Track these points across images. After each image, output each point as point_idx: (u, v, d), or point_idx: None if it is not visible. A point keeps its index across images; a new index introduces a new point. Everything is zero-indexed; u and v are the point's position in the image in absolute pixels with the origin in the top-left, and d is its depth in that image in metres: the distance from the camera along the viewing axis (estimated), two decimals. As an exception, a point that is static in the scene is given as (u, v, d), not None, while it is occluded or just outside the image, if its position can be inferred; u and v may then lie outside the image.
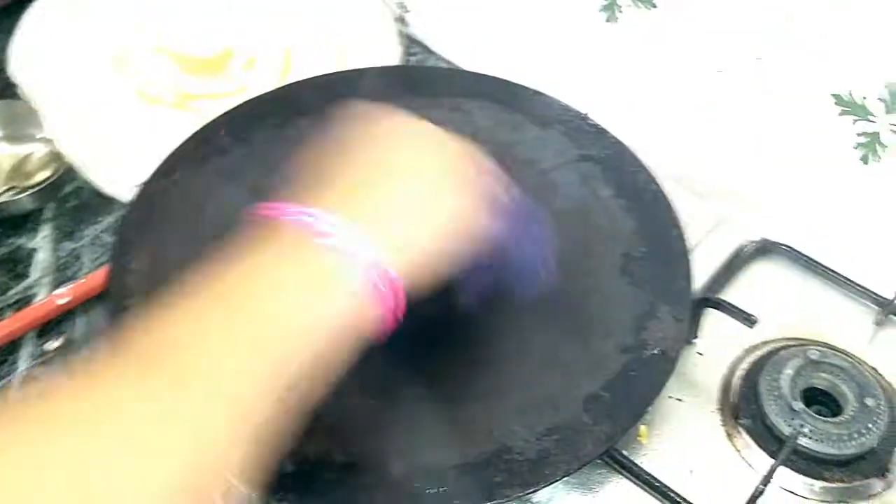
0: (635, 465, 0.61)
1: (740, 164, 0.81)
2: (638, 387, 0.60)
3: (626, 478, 0.62)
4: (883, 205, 0.74)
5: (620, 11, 0.82)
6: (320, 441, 0.56)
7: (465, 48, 1.00)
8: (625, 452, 0.61)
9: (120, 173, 0.84)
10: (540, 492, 0.60)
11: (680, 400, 0.66)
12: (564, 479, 0.56)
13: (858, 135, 0.73)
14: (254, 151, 0.74)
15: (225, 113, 0.77)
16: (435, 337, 0.62)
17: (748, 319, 0.63)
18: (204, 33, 0.95)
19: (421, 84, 0.81)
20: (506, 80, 0.81)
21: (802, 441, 0.62)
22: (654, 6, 0.79)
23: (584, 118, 0.78)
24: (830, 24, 0.70)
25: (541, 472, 0.55)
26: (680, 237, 0.68)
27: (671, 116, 0.84)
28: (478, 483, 0.55)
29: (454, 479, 0.55)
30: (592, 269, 0.67)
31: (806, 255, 0.76)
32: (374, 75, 0.82)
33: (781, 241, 0.77)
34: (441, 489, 0.55)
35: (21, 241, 0.84)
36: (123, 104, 0.89)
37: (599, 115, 0.79)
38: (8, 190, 0.85)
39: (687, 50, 0.80)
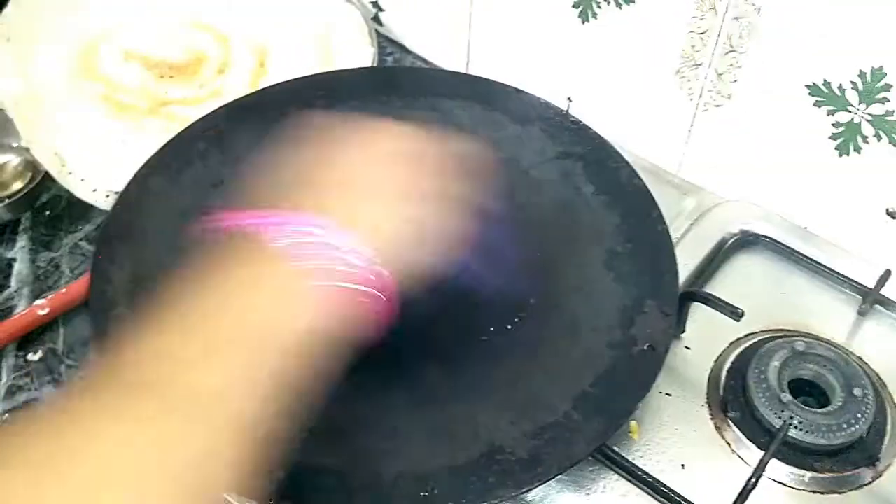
0: (627, 461, 0.61)
1: (719, 157, 0.82)
2: (628, 383, 0.60)
3: (618, 474, 0.61)
4: (862, 194, 0.75)
5: (598, 7, 0.82)
6: (310, 447, 0.56)
7: (440, 47, 1.00)
8: (616, 449, 0.61)
9: (96, 181, 0.83)
10: (532, 491, 0.60)
11: (669, 395, 0.67)
12: (556, 476, 0.56)
13: (834, 125, 0.73)
14: (233, 158, 0.74)
15: (202, 118, 0.76)
16: (422, 339, 0.62)
17: (735, 313, 0.63)
18: (175, 37, 0.94)
19: (399, 84, 0.81)
20: (484, 79, 0.81)
21: (792, 432, 0.62)
22: (634, 2, 0.79)
23: (565, 115, 0.78)
24: (802, 14, 0.71)
25: (533, 472, 0.55)
26: (664, 232, 0.68)
27: (650, 112, 0.84)
28: (470, 484, 0.55)
29: (446, 481, 0.55)
30: (577, 266, 0.67)
31: (787, 246, 0.76)
32: (352, 77, 0.82)
33: (762, 233, 0.78)
34: (434, 491, 0.54)
35: (-2, 251, 0.83)
36: (96, 111, 0.88)
37: (579, 112, 0.79)
38: (-17, 201, 0.84)
39: (664, 45, 0.80)
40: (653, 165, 0.84)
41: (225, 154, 0.74)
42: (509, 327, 0.63)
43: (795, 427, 0.62)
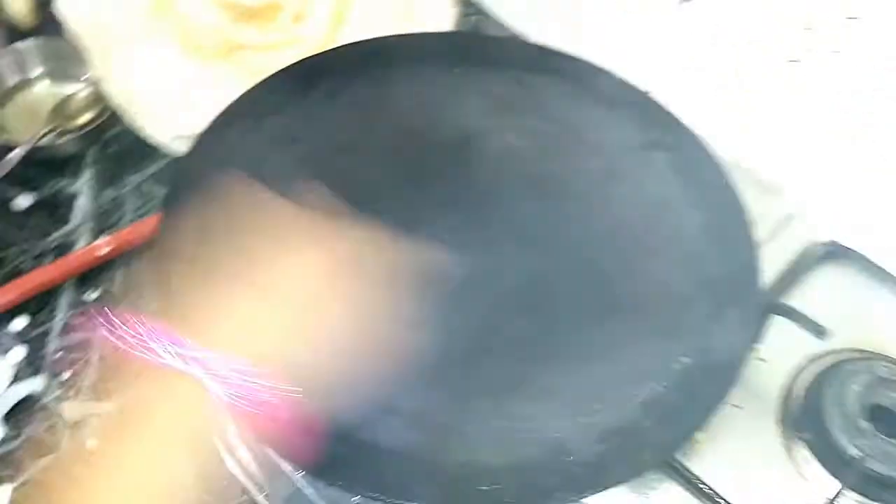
0: (690, 472, 0.59)
1: (814, 158, 0.78)
2: (701, 394, 0.57)
3: (680, 485, 0.60)
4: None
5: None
6: (373, 427, 0.55)
7: (523, 13, 0.96)
8: (680, 459, 0.59)
9: (164, 121, 0.81)
10: (591, 494, 0.58)
11: (739, 407, 0.64)
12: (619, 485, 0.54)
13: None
14: (307, 116, 0.72)
15: (280, 71, 0.74)
16: (496, 333, 0.60)
17: (819, 332, 0.60)
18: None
19: (484, 53, 0.78)
20: (572, 56, 0.77)
21: (867, 462, 0.60)
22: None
23: (653, 101, 0.75)
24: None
25: (596, 478, 0.54)
26: (750, 237, 0.65)
27: (742, 103, 0.81)
28: (531, 483, 0.53)
29: (507, 478, 0.54)
30: (657, 267, 0.65)
31: (876, 264, 0.73)
32: (435, 41, 0.79)
33: (851, 246, 0.74)
34: (493, 487, 0.53)
35: (62, 184, 0.82)
36: (170, 50, 0.86)
37: (668, 98, 0.76)
38: (50, 131, 0.83)
39: (761, 36, 0.77)
40: (740, 161, 0.81)
41: (301, 111, 0.72)
42: (584, 326, 0.61)
43: (871, 457, 0.59)
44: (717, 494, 0.58)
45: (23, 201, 0.80)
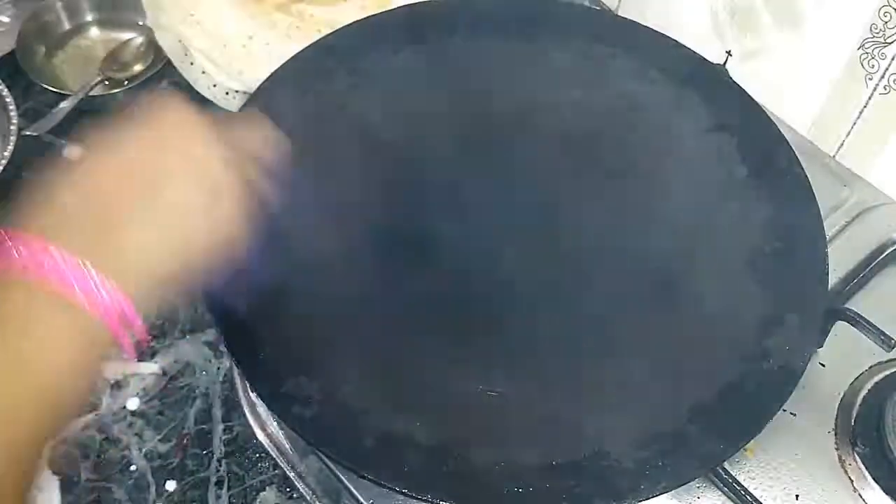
0: (738, 483, 0.56)
1: (890, 148, 0.73)
2: (753, 402, 0.54)
3: (725, 494, 0.57)
4: None
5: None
6: (407, 419, 0.53)
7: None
8: (727, 467, 0.56)
9: (218, 76, 0.79)
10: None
11: (794, 415, 0.61)
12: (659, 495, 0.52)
13: None
14: (361, 82, 0.69)
15: (334, 33, 0.71)
16: (539, 326, 0.57)
17: (886, 342, 0.56)
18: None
19: (550, 21, 0.74)
20: (644, 27, 0.73)
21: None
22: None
23: (724, 78, 0.71)
24: None
25: (635, 485, 0.51)
26: (819, 235, 0.61)
27: (818, 83, 0.76)
28: (566, 487, 0.51)
29: (540, 480, 0.51)
30: (716, 261, 0.61)
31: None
32: (497, 5, 0.75)
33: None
34: (527, 489, 0.51)
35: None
36: (226, 1, 0.83)
37: (736, 69, 0.72)
38: (103, 80, 0.81)
39: (850, 13, 0.71)
40: (810, 144, 0.76)
41: (355, 78, 0.69)
42: (633, 322, 0.58)
43: (933, 478, 0.56)
44: (764, 507, 0.56)
45: (71, 153, 0.79)
